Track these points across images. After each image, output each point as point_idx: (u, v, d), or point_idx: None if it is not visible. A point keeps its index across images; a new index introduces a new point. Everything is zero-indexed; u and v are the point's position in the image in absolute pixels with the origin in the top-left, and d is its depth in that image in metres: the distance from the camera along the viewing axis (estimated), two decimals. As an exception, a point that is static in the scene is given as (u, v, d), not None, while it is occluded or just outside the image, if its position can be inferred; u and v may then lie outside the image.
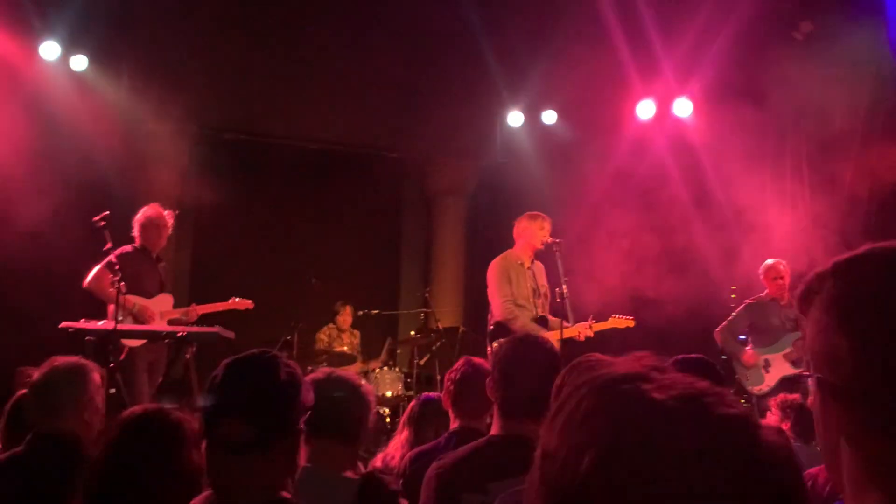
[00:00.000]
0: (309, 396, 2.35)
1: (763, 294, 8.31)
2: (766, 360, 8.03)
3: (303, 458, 2.99)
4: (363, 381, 3.27)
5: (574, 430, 1.01)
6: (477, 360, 4.29)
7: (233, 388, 2.26)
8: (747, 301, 8.40)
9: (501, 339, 7.37)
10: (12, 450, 3.68)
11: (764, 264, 8.33)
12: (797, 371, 8.00)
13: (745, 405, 7.42)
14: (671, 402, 0.99)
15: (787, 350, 8.01)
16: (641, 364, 1.06)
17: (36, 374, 3.84)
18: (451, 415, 4.18)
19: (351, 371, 9.87)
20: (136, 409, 2.83)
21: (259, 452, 2.22)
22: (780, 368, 8.02)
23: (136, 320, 7.17)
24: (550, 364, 3.27)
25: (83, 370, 3.86)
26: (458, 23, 10.10)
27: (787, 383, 7.86)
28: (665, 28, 9.97)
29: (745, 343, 8.32)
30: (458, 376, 4.15)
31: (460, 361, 4.29)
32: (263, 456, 2.22)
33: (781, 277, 8.18)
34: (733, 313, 8.39)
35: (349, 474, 3.00)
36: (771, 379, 7.99)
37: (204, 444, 2.29)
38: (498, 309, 7.43)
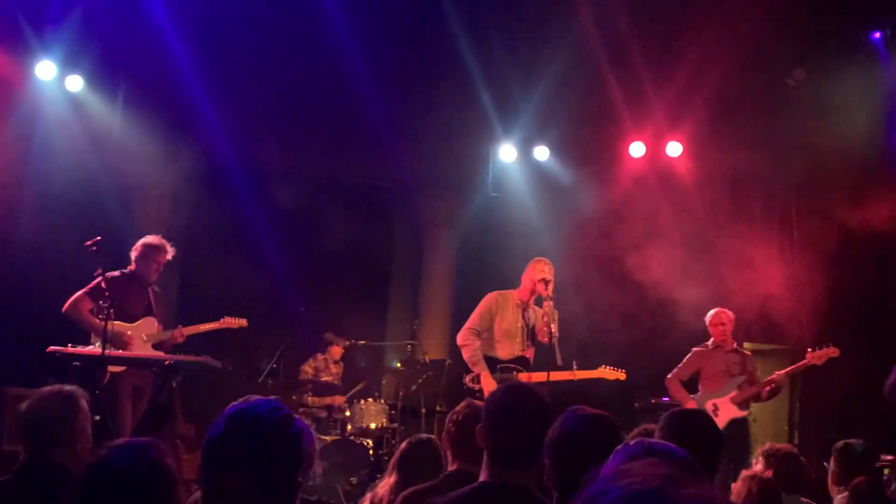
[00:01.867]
0: (312, 447, 2.33)
1: (709, 342, 8.53)
2: (715, 405, 8.19)
3: None
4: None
5: None
6: (480, 403, 4.26)
7: (231, 442, 2.23)
8: (695, 349, 8.58)
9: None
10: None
11: (710, 313, 8.56)
12: (744, 413, 8.22)
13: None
14: None
15: (733, 394, 8.23)
16: (657, 476, 1.06)
17: (24, 404, 3.81)
18: (450, 457, 4.15)
19: (335, 401, 9.87)
20: (112, 445, 2.78)
21: None
22: (728, 412, 8.17)
23: (113, 346, 7.08)
24: (542, 413, 3.25)
25: (73, 400, 3.82)
26: (452, 57, 10.16)
27: (734, 426, 8.07)
28: (657, 69, 10.06)
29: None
30: (459, 418, 4.10)
31: (463, 403, 4.24)
32: None
33: (724, 324, 8.43)
34: (683, 360, 8.54)
35: None
36: (720, 423, 8.08)
37: (202, 492, 2.27)
38: (460, 333, 7.82)
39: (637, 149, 10.91)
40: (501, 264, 8.38)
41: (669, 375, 8.46)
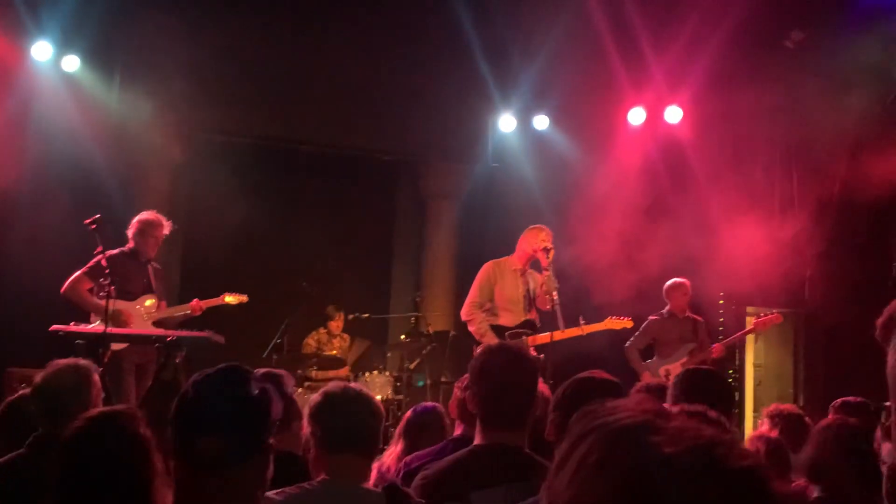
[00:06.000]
0: (278, 409, 2.36)
1: (664, 310, 8.94)
2: (668, 371, 8.42)
3: (322, 472, 3.01)
4: (372, 394, 3.30)
5: (584, 483, 1.01)
6: None
7: (203, 404, 2.26)
8: (650, 318, 8.93)
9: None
10: (14, 452, 3.68)
11: (672, 282, 8.95)
12: None
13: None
14: (682, 457, 0.99)
15: (685, 359, 8.58)
16: (646, 411, 1.06)
17: (38, 376, 3.84)
18: (457, 422, 4.22)
19: (340, 374, 9.91)
20: (90, 413, 2.81)
21: (230, 469, 2.22)
22: None
23: (113, 324, 7.09)
24: (524, 371, 3.33)
25: (86, 373, 3.88)
26: (451, 26, 10.11)
27: None
28: (656, 35, 10.00)
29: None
30: (467, 384, 4.18)
31: None
32: (235, 472, 2.23)
33: (686, 294, 8.90)
34: (640, 329, 8.84)
35: (367, 485, 3.06)
36: None
37: (173, 462, 2.30)
38: (463, 309, 7.93)
39: (637, 115, 10.88)
40: (503, 234, 8.37)
41: (627, 344, 8.78)
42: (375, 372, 9.69)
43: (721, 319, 10.42)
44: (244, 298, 8.21)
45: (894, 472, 3.62)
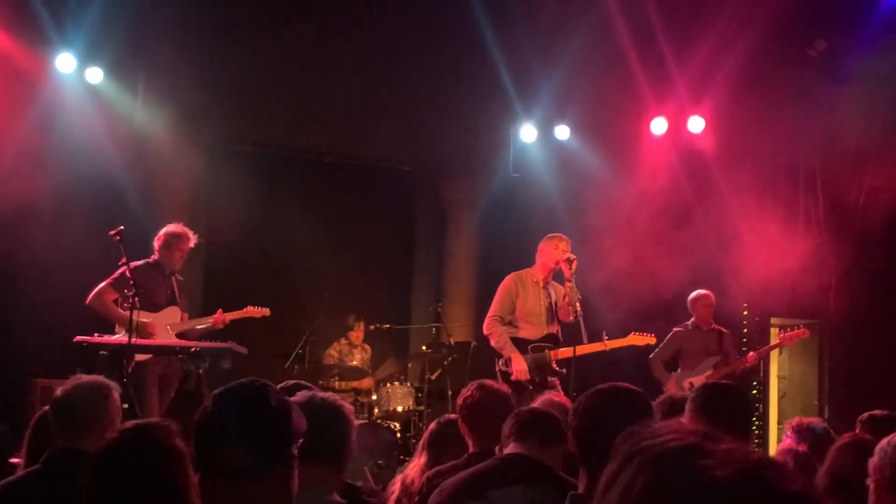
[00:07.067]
0: (301, 422, 2.37)
1: (689, 322, 8.87)
2: (691, 383, 8.29)
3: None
4: (341, 400, 3.22)
5: None
6: (487, 381, 4.32)
7: (224, 417, 2.28)
8: (675, 329, 8.86)
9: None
10: (30, 467, 3.68)
11: (697, 293, 8.90)
12: None
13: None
14: (734, 480, 0.98)
15: (709, 372, 8.52)
16: (693, 433, 1.05)
17: (59, 391, 3.85)
18: (468, 439, 4.19)
19: (362, 385, 9.92)
20: (126, 426, 2.81)
21: (253, 481, 2.23)
22: None
23: (138, 335, 7.12)
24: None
25: (105, 390, 3.87)
26: (472, 36, 10.12)
27: None
28: (679, 44, 9.97)
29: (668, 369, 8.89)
30: (470, 401, 4.16)
31: (471, 386, 4.29)
32: (258, 484, 2.24)
33: (710, 306, 8.84)
34: (664, 341, 8.77)
35: (336, 497, 2.99)
36: None
37: (198, 476, 2.31)
38: (484, 323, 7.84)
39: (659, 125, 10.84)
40: (524, 245, 8.35)
41: (652, 356, 8.69)
42: (397, 383, 9.68)
43: (745, 331, 10.35)
44: (266, 312, 8.23)
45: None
